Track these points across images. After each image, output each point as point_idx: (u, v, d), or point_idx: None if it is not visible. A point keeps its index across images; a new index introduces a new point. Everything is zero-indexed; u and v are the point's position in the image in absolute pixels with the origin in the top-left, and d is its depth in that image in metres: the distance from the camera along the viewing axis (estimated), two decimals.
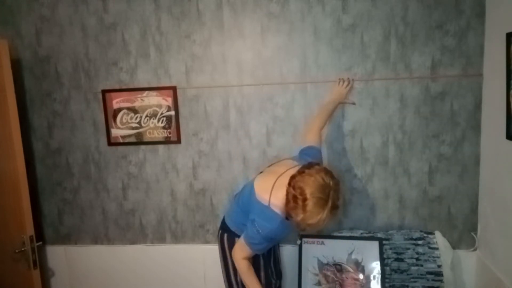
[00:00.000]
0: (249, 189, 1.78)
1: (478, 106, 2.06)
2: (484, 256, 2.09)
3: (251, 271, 1.74)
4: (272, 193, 1.63)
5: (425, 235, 2.14)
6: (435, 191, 2.17)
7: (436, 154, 2.13)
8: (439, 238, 2.12)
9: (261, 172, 1.88)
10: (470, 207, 2.15)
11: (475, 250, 2.17)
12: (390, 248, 2.11)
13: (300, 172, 1.55)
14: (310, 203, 1.46)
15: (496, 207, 1.95)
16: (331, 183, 1.51)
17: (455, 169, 2.13)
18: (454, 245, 2.17)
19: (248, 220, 1.70)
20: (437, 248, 2.08)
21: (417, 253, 2.09)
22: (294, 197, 1.50)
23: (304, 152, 1.89)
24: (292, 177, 1.55)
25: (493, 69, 1.92)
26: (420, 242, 2.11)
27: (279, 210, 1.61)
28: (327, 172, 1.55)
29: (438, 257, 2.07)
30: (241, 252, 1.71)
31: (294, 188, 1.51)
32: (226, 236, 1.90)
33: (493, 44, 1.91)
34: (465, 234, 2.18)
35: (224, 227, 1.93)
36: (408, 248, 2.11)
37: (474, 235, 2.16)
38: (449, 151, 2.12)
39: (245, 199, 1.79)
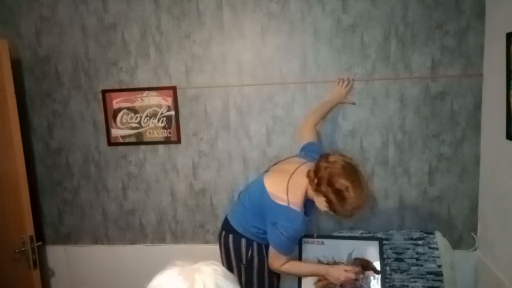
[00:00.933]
0: (258, 189, 1.75)
1: (478, 106, 2.06)
2: (484, 256, 2.09)
3: (298, 264, 1.75)
4: (289, 193, 1.63)
5: (425, 235, 2.13)
6: (435, 191, 2.17)
7: (436, 154, 2.13)
8: (439, 238, 2.12)
9: (267, 171, 1.86)
10: (470, 207, 2.15)
11: (475, 250, 2.16)
12: (390, 248, 2.11)
13: (322, 166, 1.57)
14: (351, 189, 1.52)
15: (496, 207, 1.95)
16: (352, 162, 1.59)
17: (455, 169, 2.13)
18: (454, 245, 2.17)
19: (268, 224, 1.68)
20: (437, 248, 2.08)
21: (417, 253, 2.09)
22: (336, 192, 1.53)
23: (307, 148, 1.91)
24: (318, 176, 1.55)
25: (493, 69, 1.92)
26: (420, 242, 2.11)
27: (299, 208, 1.62)
28: (342, 154, 1.62)
29: (438, 257, 2.06)
30: (278, 261, 1.70)
31: (330, 184, 1.53)
32: (232, 238, 1.85)
33: (493, 44, 1.91)
34: (465, 234, 2.18)
35: (228, 228, 1.88)
36: (408, 248, 2.11)
37: (474, 235, 2.16)
38: (449, 151, 2.12)
39: (255, 200, 1.77)
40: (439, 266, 2.05)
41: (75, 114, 2.38)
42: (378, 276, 2.03)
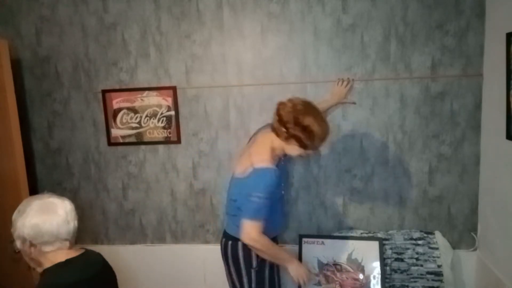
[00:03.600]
0: (232, 182, 1.75)
1: (478, 106, 2.06)
2: (484, 256, 2.09)
3: (272, 243, 1.67)
4: (252, 159, 1.64)
5: (425, 235, 2.14)
6: (435, 191, 2.17)
7: (436, 154, 2.13)
8: (439, 238, 2.12)
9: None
10: (470, 207, 2.15)
11: (475, 250, 2.16)
12: (390, 248, 2.11)
13: (284, 112, 1.61)
14: (316, 122, 1.58)
15: (496, 207, 1.95)
16: (307, 100, 1.67)
17: (455, 169, 2.13)
18: (454, 245, 2.17)
19: (243, 201, 1.63)
20: (437, 248, 2.08)
21: (417, 253, 2.09)
22: (304, 129, 1.57)
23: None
24: (283, 121, 1.59)
25: (493, 69, 1.92)
26: (420, 242, 2.11)
27: (266, 163, 1.62)
28: (293, 97, 1.67)
29: (438, 257, 2.07)
30: (255, 229, 1.60)
31: (297, 124, 1.57)
32: (230, 244, 1.78)
33: (493, 44, 1.91)
34: (465, 234, 2.18)
35: (226, 235, 1.82)
36: (408, 248, 2.11)
37: (474, 235, 2.16)
38: (449, 151, 2.12)
39: (235, 191, 1.73)
40: (439, 266, 2.05)
41: (75, 114, 2.38)
42: (378, 276, 2.04)
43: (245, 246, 1.73)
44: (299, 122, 1.58)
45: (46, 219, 1.27)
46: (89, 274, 1.34)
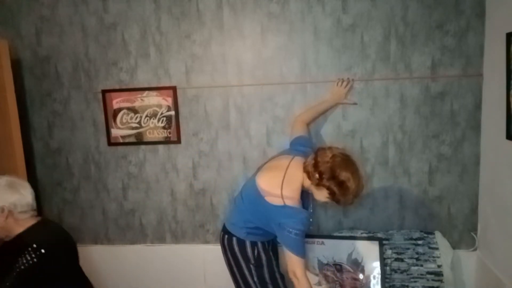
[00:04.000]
0: (252, 188, 1.75)
1: (478, 106, 2.06)
2: (484, 256, 2.09)
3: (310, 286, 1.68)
4: (284, 189, 1.64)
5: (425, 235, 2.13)
6: (435, 191, 2.17)
7: (436, 154, 2.13)
8: (439, 238, 2.12)
9: (260, 170, 1.85)
10: (470, 207, 2.15)
11: (475, 250, 2.17)
12: (390, 248, 2.11)
13: (322, 161, 1.60)
14: (352, 179, 1.58)
15: (496, 207, 1.95)
16: (347, 153, 1.67)
17: (455, 169, 2.13)
18: (454, 245, 2.17)
19: (274, 226, 1.67)
20: (437, 248, 2.08)
21: (417, 253, 2.09)
22: (339, 184, 1.57)
23: (295, 142, 1.93)
24: (319, 170, 1.59)
25: (493, 69, 1.92)
26: (420, 242, 2.11)
27: (296, 203, 1.64)
28: (335, 147, 1.66)
29: (438, 257, 2.07)
30: (299, 265, 1.64)
31: (333, 177, 1.57)
32: (236, 240, 1.82)
33: (493, 44, 1.91)
34: (465, 234, 2.18)
35: (229, 232, 1.86)
36: (408, 248, 2.11)
37: (474, 235, 2.16)
38: (449, 151, 2.12)
39: (249, 199, 1.77)
40: (439, 266, 2.05)
41: (75, 114, 2.38)
42: (378, 276, 2.04)
43: (239, 242, 1.78)
44: (336, 176, 1.57)
45: (23, 193, 1.63)
46: (62, 235, 1.75)
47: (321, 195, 1.66)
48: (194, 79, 2.25)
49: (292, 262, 1.65)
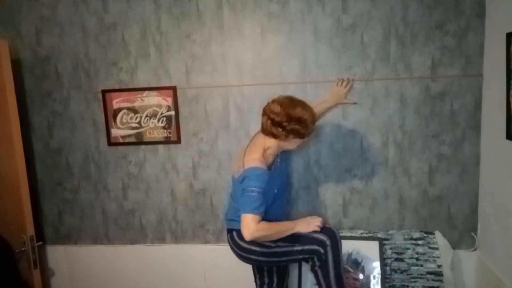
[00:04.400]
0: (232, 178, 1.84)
1: (478, 106, 2.06)
2: (484, 256, 2.09)
3: (269, 223, 1.70)
4: (245, 158, 1.73)
5: (425, 235, 2.14)
6: (435, 191, 2.17)
7: (436, 154, 2.13)
8: (439, 238, 2.12)
9: None
10: (470, 207, 2.15)
11: (475, 250, 2.17)
12: (390, 248, 2.11)
13: (276, 112, 1.69)
14: (304, 111, 1.69)
15: (496, 207, 1.95)
16: (284, 95, 1.77)
17: (455, 169, 2.13)
18: (454, 245, 2.17)
19: (238, 196, 1.72)
20: (437, 248, 2.08)
21: (417, 253, 2.09)
22: (298, 121, 1.67)
23: None
24: (280, 121, 1.67)
25: (493, 69, 1.92)
26: (420, 242, 2.11)
27: (258, 163, 1.69)
28: (274, 98, 1.76)
29: (438, 257, 2.07)
30: (253, 221, 1.63)
31: (291, 119, 1.66)
32: (236, 233, 1.85)
33: (493, 44, 1.91)
34: (465, 234, 2.18)
35: (229, 229, 1.91)
36: (408, 248, 2.11)
37: (474, 235, 2.16)
38: (449, 151, 2.12)
39: (234, 188, 1.84)
40: (439, 266, 2.05)
41: (75, 114, 2.38)
42: (378, 276, 2.04)
43: (239, 233, 1.76)
44: (292, 116, 1.68)
45: None
46: None
47: (292, 143, 1.76)
48: (194, 79, 2.25)
49: (244, 221, 1.63)
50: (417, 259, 2.08)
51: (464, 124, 2.08)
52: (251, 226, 1.62)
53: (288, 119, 1.67)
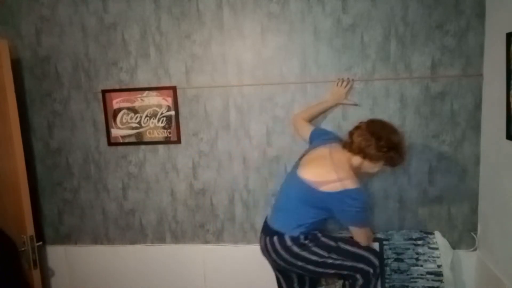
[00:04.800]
0: (299, 185, 1.76)
1: (478, 106, 2.06)
2: (484, 256, 2.09)
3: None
4: (338, 173, 1.69)
5: (424, 235, 2.14)
6: (435, 191, 2.17)
7: (436, 154, 2.13)
8: (438, 238, 2.12)
9: (299, 166, 1.83)
10: (470, 207, 2.15)
11: (475, 250, 2.17)
12: (390, 248, 2.11)
13: (373, 132, 1.69)
14: (398, 137, 1.70)
15: (496, 207, 1.95)
16: (374, 119, 1.79)
17: (455, 169, 2.13)
18: (454, 245, 2.17)
19: (337, 214, 1.74)
20: (437, 248, 2.08)
21: (417, 253, 2.09)
22: (395, 149, 1.68)
23: (315, 136, 1.97)
24: (377, 147, 1.66)
25: (493, 69, 1.92)
26: (420, 242, 2.11)
27: (354, 181, 1.69)
28: (362, 122, 1.78)
29: (438, 257, 2.07)
30: (364, 234, 1.80)
31: (380, 148, 1.66)
32: (289, 238, 1.78)
33: (493, 44, 1.91)
34: (465, 234, 2.18)
35: (280, 233, 1.81)
36: (408, 248, 2.11)
37: (474, 235, 2.16)
38: (449, 151, 2.12)
39: (300, 195, 1.77)
40: (439, 266, 2.05)
41: (75, 114, 2.38)
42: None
43: (295, 239, 1.77)
44: (392, 139, 1.68)
45: None
46: None
47: (375, 166, 1.74)
48: (194, 79, 2.25)
49: (358, 235, 1.79)
50: (417, 259, 2.08)
51: (464, 124, 2.08)
52: (364, 240, 1.80)
53: (388, 145, 1.67)
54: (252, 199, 2.32)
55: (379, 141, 1.66)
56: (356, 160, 1.73)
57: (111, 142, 2.36)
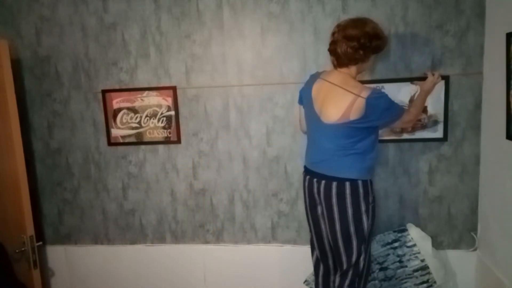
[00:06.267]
0: (333, 128, 1.71)
1: (478, 106, 2.06)
2: (484, 256, 2.09)
3: (409, 108, 1.87)
4: (354, 94, 1.65)
5: (399, 234, 2.12)
6: (435, 191, 2.17)
7: (436, 154, 2.13)
8: (412, 232, 2.10)
9: (316, 117, 1.78)
10: (470, 207, 2.15)
11: (475, 250, 2.16)
12: (372, 261, 2.07)
13: (348, 38, 1.71)
14: (371, 22, 1.72)
15: (496, 207, 1.95)
16: (342, 22, 1.78)
17: (455, 169, 2.13)
18: (454, 245, 2.18)
19: (376, 122, 1.71)
20: (414, 245, 2.07)
21: (398, 255, 2.08)
22: (376, 36, 1.71)
23: (302, 93, 1.94)
24: (358, 46, 1.69)
25: (493, 69, 1.92)
26: (396, 244, 2.10)
27: (365, 86, 1.70)
28: (337, 24, 1.80)
29: (418, 253, 2.06)
30: (409, 116, 1.83)
31: (369, 41, 1.69)
32: (336, 185, 1.73)
33: (493, 44, 1.91)
34: (465, 234, 2.18)
35: (326, 177, 1.76)
36: (388, 254, 2.10)
37: (474, 235, 2.16)
38: (449, 151, 2.12)
39: (332, 133, 1.73)
40: (423, 261, 2.05)
41: (75, 114, 2.38)
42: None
43: (355, 185, 1.72)
44: (371, 34, 1.69)
45: None
46: None
47: (369, 62, 1.79)
48: (194, 79, 2.25)
49: (401, 120, 1.80)
50: (400, 261, 2.07)
51: (464, 124, 2.08)
52: (406, 119, 1.83)
53: (369, 38, 1.69)
54: (252, 199, 2.32)
55: (360, 40, 1.68)
56: (352, 69, 1.77)
57: (111, 142, 2.36)
